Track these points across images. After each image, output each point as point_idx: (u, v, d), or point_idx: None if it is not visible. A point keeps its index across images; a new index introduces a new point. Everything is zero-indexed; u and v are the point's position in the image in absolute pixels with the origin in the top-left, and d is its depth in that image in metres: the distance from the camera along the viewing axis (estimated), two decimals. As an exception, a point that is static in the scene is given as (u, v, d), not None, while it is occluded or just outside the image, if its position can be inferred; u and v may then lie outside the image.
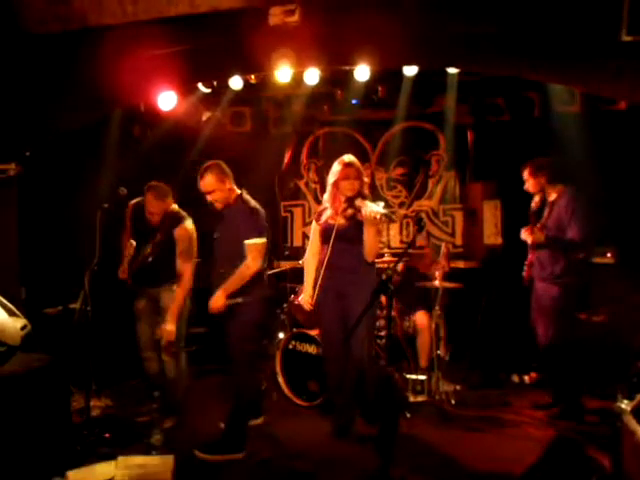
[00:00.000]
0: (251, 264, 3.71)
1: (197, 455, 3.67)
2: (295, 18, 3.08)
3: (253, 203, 3.91)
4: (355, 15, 3.23)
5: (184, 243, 4.26)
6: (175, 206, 4.39)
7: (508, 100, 5.86)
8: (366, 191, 4.04)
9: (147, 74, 3.77)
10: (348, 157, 4.03)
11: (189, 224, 4.34)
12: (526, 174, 4.60)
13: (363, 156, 6.68)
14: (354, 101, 6.16)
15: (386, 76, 5.51)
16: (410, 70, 5.14)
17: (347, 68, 4.94)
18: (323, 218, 4.08)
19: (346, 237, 3.96)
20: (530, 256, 4.63)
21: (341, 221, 3.98)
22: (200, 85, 5.41)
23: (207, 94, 5.69)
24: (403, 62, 4.69)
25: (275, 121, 6.76)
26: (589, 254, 4.53)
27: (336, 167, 4.02)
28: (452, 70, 5.26)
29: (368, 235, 3.84)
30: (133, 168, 5.05)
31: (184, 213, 4.38)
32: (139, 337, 4.41)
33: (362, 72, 4.99)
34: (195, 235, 4.34)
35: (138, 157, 5.33)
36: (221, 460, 3.64)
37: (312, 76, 5.14)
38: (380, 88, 5.84)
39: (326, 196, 4.14)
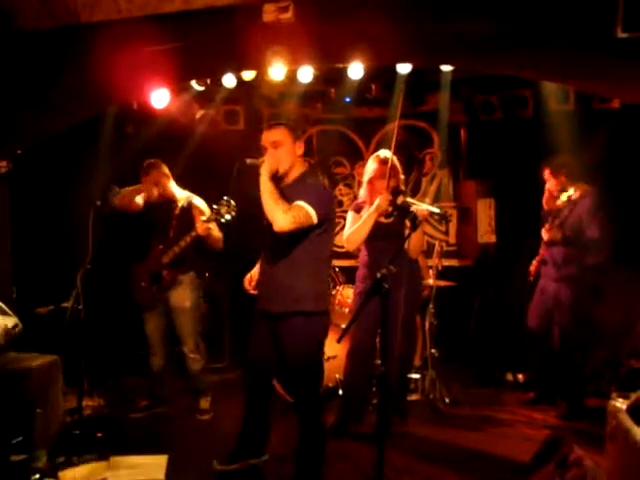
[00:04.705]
0: (283, 218, 2.83)
1: None
2: (289, 15, 3.05)
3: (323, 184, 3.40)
4: (349, 13, 3.20)
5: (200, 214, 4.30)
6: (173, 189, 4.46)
7: (502, 98, 5.86)
8: (402, 187, 3.90)
9: (140, 71, 3.74)
10: (384, 153, 3.91)
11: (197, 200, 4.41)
12: (547, 174, 4.56)
13: (356, 154, 6.69)
14: (347, 99, 6.15)
15: (380, 74, 5.50)
16: (404, 68, 5.13)
17: (341, 66, 4.92)
18: (362, 213, 3.92)
19: (388, 235, 3.85)
20: (542, 252, 4.61)
21: (382, 219, 3.88)
22: (193, 83, 5.38)
23: (200, 92, 5.66)
24: (397, 60, 4.67)
25: (269, 119, 6.75)
26: (606, 257, 4.47)
27: (371, 164, 3.90)
28: (446, 68, 5.26)
29: (415, 233, 3.66)
30: (126, 166, 5.01)
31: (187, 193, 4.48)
32: (146, 332, 4.41)
33: (356, 70, 4.98)
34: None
35: (131, 155, 5.29)
36: None
37: (306, 74, 5.13)
38: (373, 86, 5.83)
39: (362, 192, 4.04)
